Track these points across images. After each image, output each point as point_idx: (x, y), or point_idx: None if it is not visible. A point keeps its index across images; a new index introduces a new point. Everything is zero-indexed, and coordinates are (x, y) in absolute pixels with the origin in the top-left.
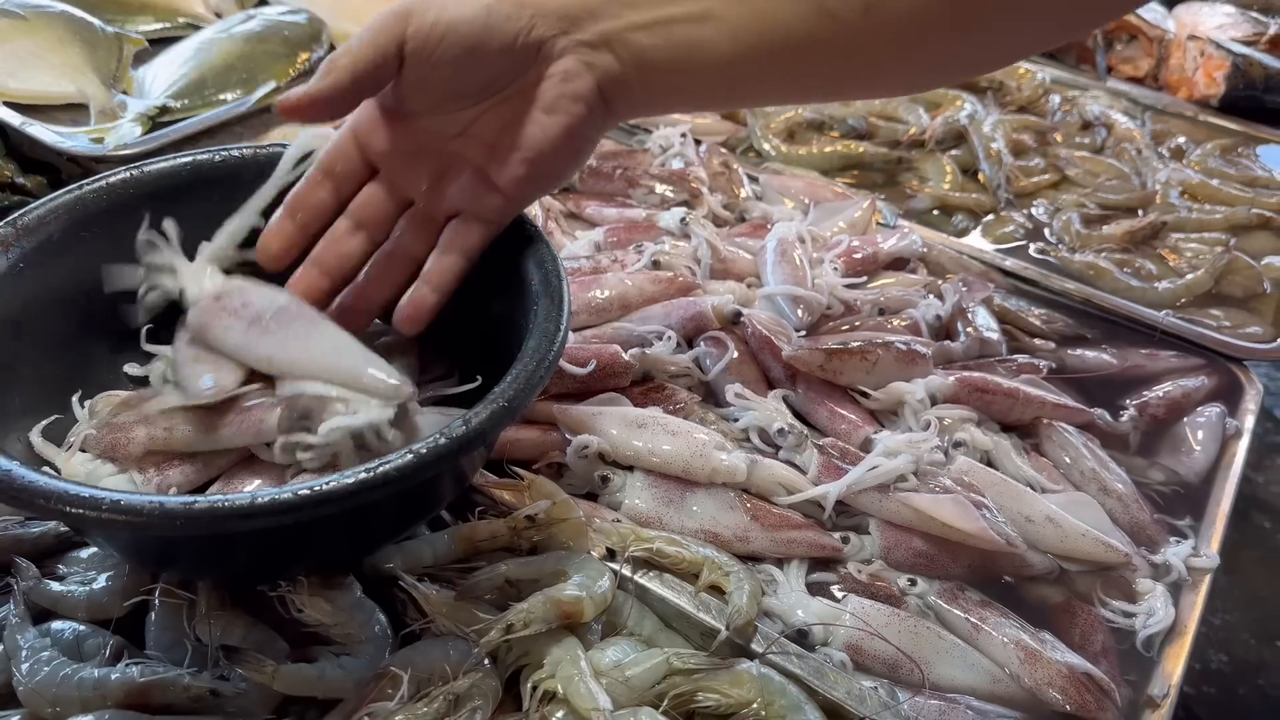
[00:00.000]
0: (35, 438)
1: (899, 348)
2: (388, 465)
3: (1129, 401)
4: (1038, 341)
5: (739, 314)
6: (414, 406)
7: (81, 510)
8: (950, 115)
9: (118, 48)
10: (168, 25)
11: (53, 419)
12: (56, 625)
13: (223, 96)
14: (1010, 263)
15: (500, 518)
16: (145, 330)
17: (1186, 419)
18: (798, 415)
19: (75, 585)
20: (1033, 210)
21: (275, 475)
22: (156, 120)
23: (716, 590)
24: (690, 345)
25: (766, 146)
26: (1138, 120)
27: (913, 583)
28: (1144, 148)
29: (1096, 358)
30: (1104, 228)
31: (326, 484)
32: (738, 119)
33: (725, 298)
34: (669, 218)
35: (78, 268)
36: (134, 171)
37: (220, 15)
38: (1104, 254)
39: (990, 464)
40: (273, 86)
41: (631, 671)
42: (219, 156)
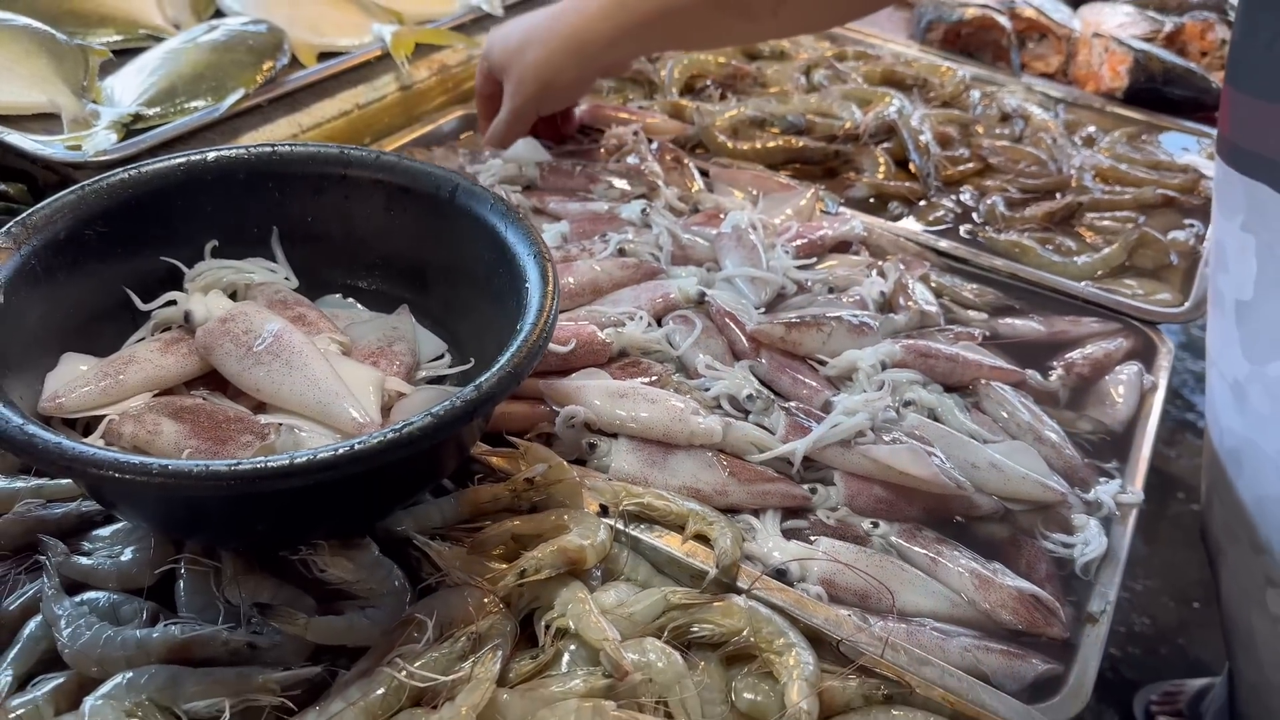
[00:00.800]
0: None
1: (850, 320)
2: (411, 426)
3: (1056, 363)
4: (971, 313)
5: (703, 294)
6: (411, 386)
7: (132, 475)
8: (881, 111)
9: (83, 59)
10: (128, 37)
11: None
12: (90, 595)
13: (194, 104)
14: (943, 243)
15: (499, 483)
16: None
17: (1108, 376)
18: (763, 383)
19: (103, 559)
20: (960, 196)
21: None
22: (130, 127)
23: (702, 539)
24: (660, 324)
25: (714, 142)
26: (1051, 112)
27: (875, 525)
28: (1059, 136)
29: (1025, 325)
30: (1026, 210)
31: (358, 444)
32: (684, 118)
33: (690, 280)
34: (630, 209)
35: (83, 261)
36: (131, 172)
37: (178, 27)
38: (1027, 233)
39: (937, 420)
40: (241, 94)
41: (633, 608)
42: (211, 157)
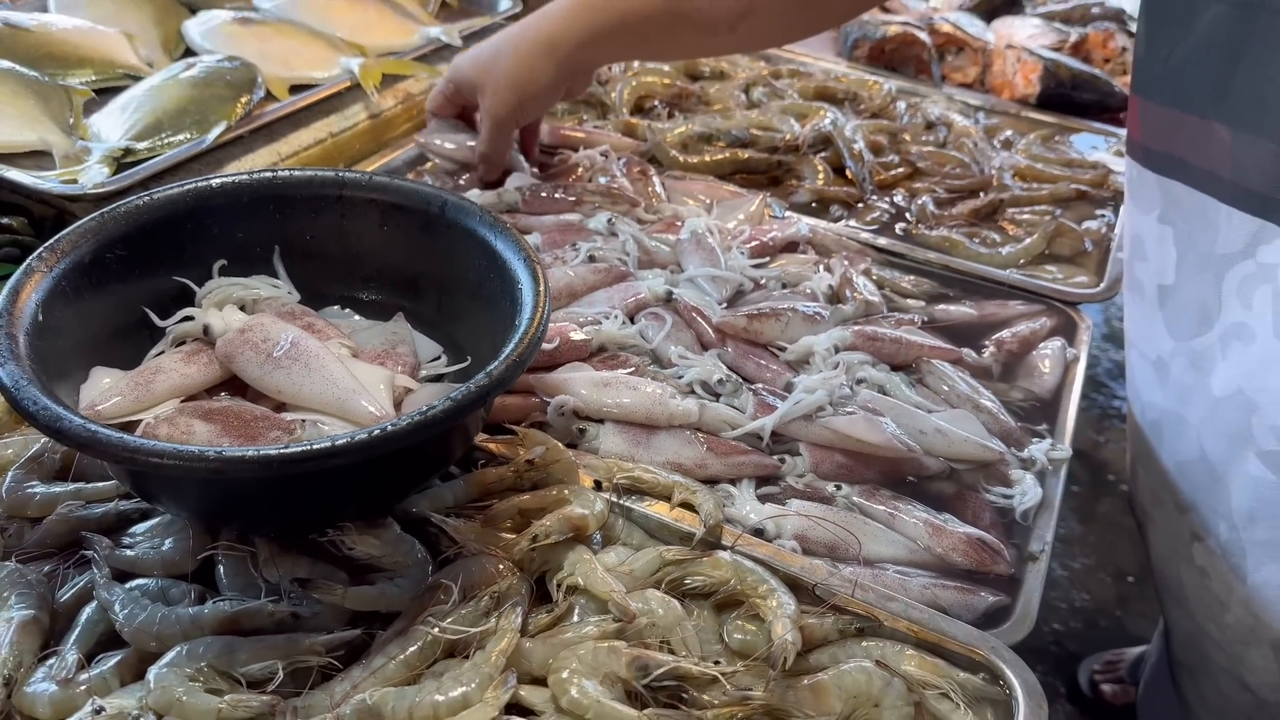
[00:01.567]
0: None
1: (804, 311)
2: (435, 409)
3: (988, 341)
4: (910, 301)
5: (671, 293)
6: (417, 383)
7: (190, 463)
8: (817, 124)
9: (68, 98)
10: (106, 76)
11: None
12: (140, 581)
13: (179, 137)
14: (881, 241)
15: (503, 466)
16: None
17: (1034, 351)
18: (730, 368)
19: (146, 549)
20: (894, 198)
21: None
22: (121, 161)
23: (687, 506)
24: (633, 321)
25: (666, 156)
26: (972, 118)
27: (839, 487)
28: (979, 141)
29: (959, 310)
30: (953, 208)
31: (390, 426)
32: (637, 135)
33: (658, 280)
34: (597, 220)
35: (105, 282)
36: (145, 199)
37: (152, 65)
38: (955, 229)
39: (886, 394)
40: (224, 126)
41: (633, 565)
42: (217, 183)
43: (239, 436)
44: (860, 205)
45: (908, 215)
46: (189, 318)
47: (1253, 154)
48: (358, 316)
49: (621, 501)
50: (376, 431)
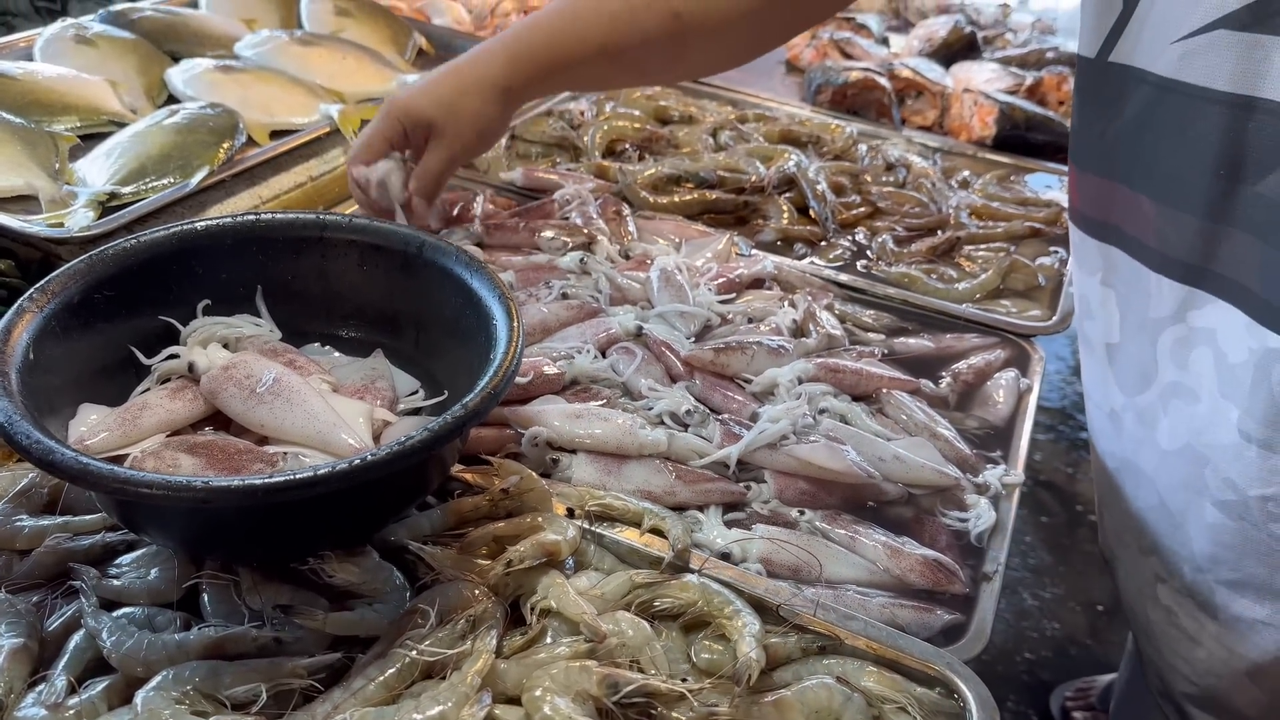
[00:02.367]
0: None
1: (769, 345)
2: (413, 439)
3: (945, 373)
4: (871, 334)
5: (641, 328)
6: (395, 416)
7: (178, 492)
8: (782, 166)
9: (53, 144)
10: (90, 123)
11: None
12: (126, 610)
13: (163, 181)
14: (843, 277)
15: (478, 495)
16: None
17: (990, 382)
18: (698, 400)
19: (133, 579)
20: (855, 236)
21: None
22: (106, 205)
23: (656, 532)
24: (604, 355)
25: (636, 197)
26: (930, 160)
27: (802, 513)
28: (937, 181)
29: (917, 343)
30: (912, 245)
31: (370, 455)
32: (609, 177)
33: (629, 316)
34: (568, 260)
35: (93, 321)
36: (131, 242)
37: (135, 112)
38: (914, 265)
39: (847, 423)
40: (207, 171)
41: (604, 589)
42: (201, 226)
43: (223, 469)
44: (823, 243)
45: (868, 253)
46: (174, 355)
47: (1175, 226)
48: (338, 353)
49: (593, 528)
50: (356, 462)
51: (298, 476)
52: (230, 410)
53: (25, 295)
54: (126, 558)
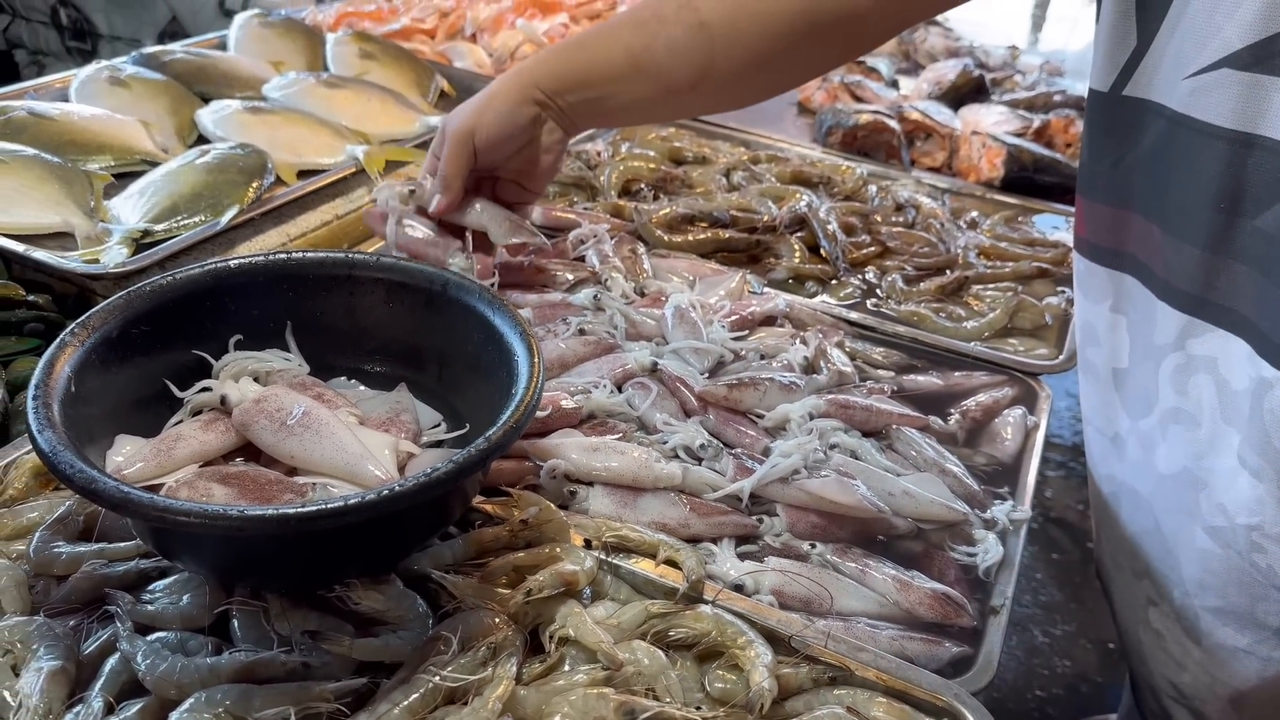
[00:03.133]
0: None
1: (781, 381)
2: (439, 471)
3: (954, 409)
4: (881, 371)
5: (656, 364)
6: (419, 448)
7: (214, 521)
8: (793, 206)
9: (89, 183)
10: (124, 162)
11: None
12: (159, 634)
13: (194, 219)
14: (853, 315)
15: (498, 526)
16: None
17: (998, 419)
18: (711, 435)
19: (166, 605)
20: (865, 275)
21: None
22: (139, 242)
23: (671, 563)
24: (620, 390)
25: (651, 236)
26: (939, 200)
27: (813, 546)
28: (946, 221)
29: (926, 380)
30: (921, 284)
31: (398, 486)
32: (624, 216)
33: (644, 352)
34: (583, 297)
35: (130, 355)
36: (168, 279)
37: (167, 151)
38: (923, 304)
39: (858, 458)
40: (236, 210)
41: (621, 618)
42: (234, 264)
43: (254, 498)
44: (834, 282)
45: (878, 291)
46: (207, 389)
47: (1179, 256)
48: (363, 387)
49: (610, 559)
50: (385, 492)
51: (329, 506)
52: (261, 442)
53: (67, 330)
54: (159, 583)
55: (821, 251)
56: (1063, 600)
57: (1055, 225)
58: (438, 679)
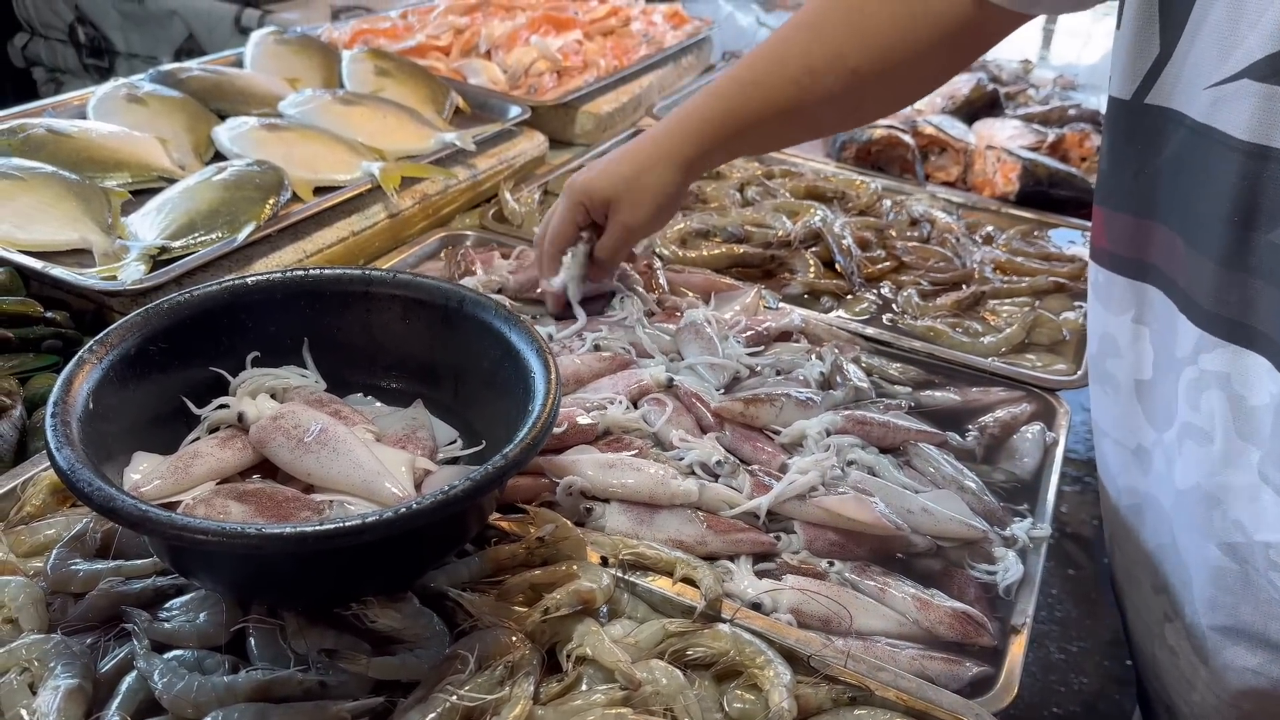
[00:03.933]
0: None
1: (797, 397)
2: (456, 489)
3: (971, 425)
4: (898, 387)
5: (672, 380)
6: (436, 465)
7: (232, 539)
8: (808, 221)
9: (106, 200)
10: (141, 179)
11: None
12: (176, 652)
13: (211, 236)
14: (869, 330)
15: (515, 543)
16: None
17: (1016, 435)
18: (728, 451)
19: (182, 623)
20: (880, 290)
21: None
22: (157, 258)
23: (688, 581)
24: (636, 406)
25: (666, 252)
26: (954, 215)
27: (831, 564)
28: (961, 236)
29: (944, 395)
30: (937, 299)
31: (415, 503)
32: None
33: (659, 368)
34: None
35: (147, 372)
36: (185, 296)
37: (184, 168)
38: (939, 319)
39: (875, 475)
40: (254, 226)
41: (638, 636)
42: (252, 281)
43: (272, 516)
44: (849, 297)
45: (894, 306)
46: (224, 405)
47: (1197, 268)
48: (379, 403)
49: (627, 577)
50: (403, 510)
51: (347, 525)
52: (278, 459)
53: (85, 347)
54: (176, 601)
55: (836, 266)
56: (1078, 616)
57: (1071, 239)
58: (455, 698)
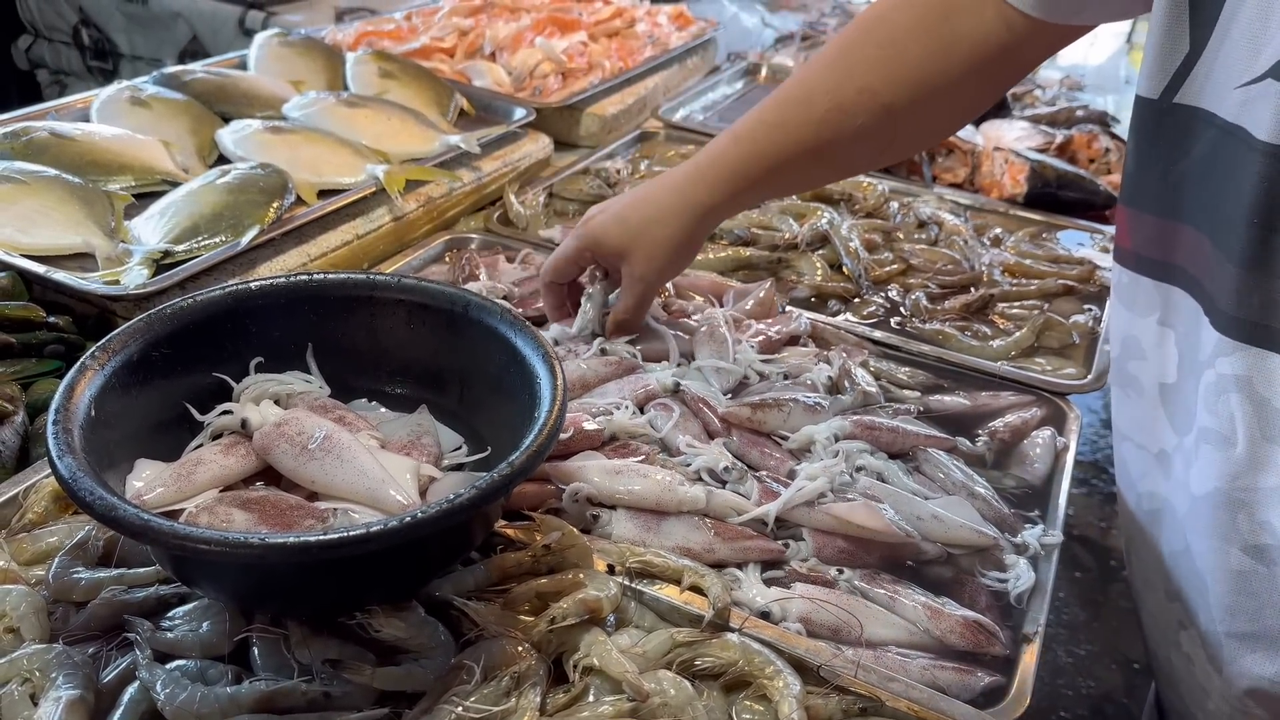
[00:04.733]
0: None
1: (805, 401)
2: (462, 497)
3: (981, 431)
4: (906, 392)
5: (679, 384)
6: (441, 472)
7: (235, 549)
8: (814, 223)
9: (109, 203)
10: (145, 182)
11: None
12: (179, 663)
13: (215, 240)
14: (877, 334)
15: (520, 551)
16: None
17: (1026, 440)
18: (735, 457)
19: (185, 632)
20: (888, 293)
21: None
22: (160, 263)
23: (696, 589)
24: (642, 411)
25: None
26: (962, 217)
27: (841, 572)
28: (969, 238)
29: (953, 400)
30: (945, 302)
31: (420, 512)
32: None
33: (666, 373)
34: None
35: (150, 378)
36: (188, 301)
37: (188, 171)
38: (948, 323)
39: (885, 481)
40: (257, 230)
41: (645, 646)
42: (255, 286)
43: (275, 524)
44: (857, 300)
45: (902, 310)
46: (227, 412)
47: (1222, 271)
48: (384, 409)
49: (634, 585)
50: (408, 519)
51: (351, 534)
52: (282, 466)
53: (88, 353)
54: (179, 610)
55: (844, 269)
56: (1086, 619)
57: (1080, 242)
58: (460, 709)
